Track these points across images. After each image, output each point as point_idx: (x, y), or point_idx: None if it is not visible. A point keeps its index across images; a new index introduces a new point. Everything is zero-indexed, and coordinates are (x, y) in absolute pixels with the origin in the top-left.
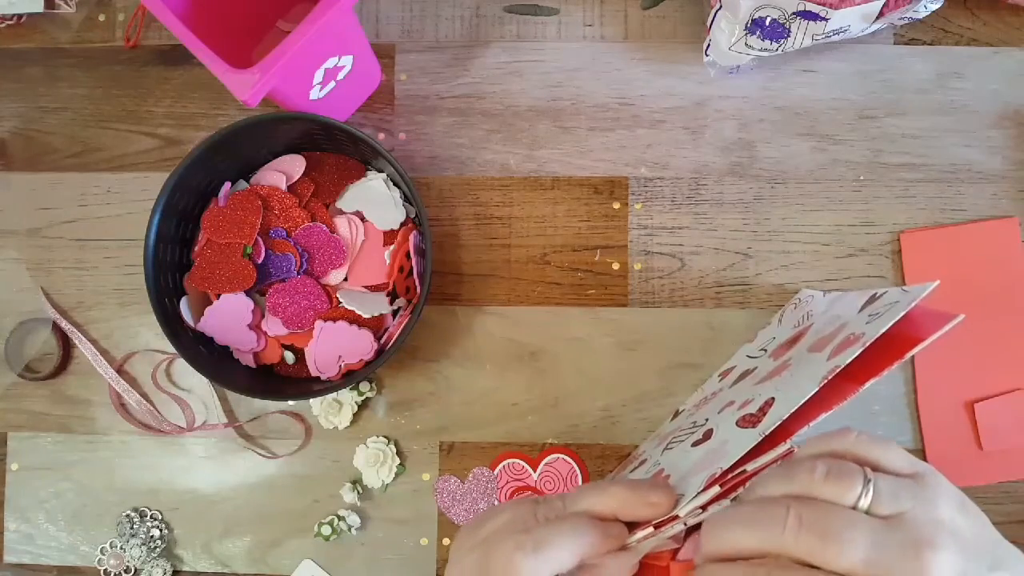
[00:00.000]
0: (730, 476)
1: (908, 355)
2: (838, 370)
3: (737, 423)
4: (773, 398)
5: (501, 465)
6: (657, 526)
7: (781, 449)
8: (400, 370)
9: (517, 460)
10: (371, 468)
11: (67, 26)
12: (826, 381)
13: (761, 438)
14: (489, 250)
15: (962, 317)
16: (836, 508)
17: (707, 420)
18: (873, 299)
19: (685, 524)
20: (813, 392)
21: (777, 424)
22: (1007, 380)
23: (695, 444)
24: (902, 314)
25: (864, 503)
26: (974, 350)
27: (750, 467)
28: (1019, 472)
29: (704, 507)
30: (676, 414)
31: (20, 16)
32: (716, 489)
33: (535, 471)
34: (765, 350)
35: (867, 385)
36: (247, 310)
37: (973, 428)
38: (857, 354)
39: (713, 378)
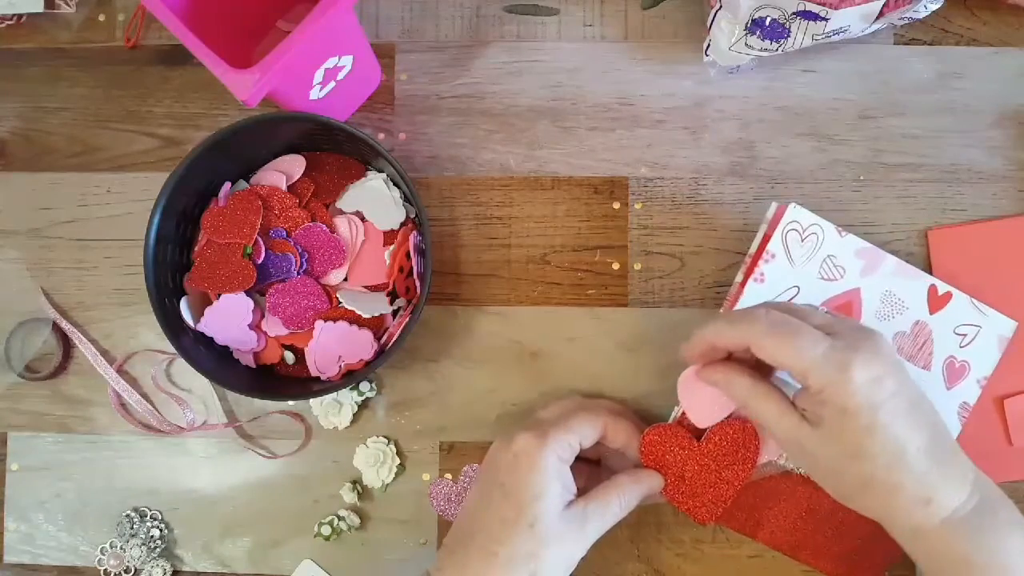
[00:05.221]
0: None
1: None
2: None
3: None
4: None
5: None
6: None
7: None
8: (400, 370)
9: None
10: (371, 468)
11: (67, 26)
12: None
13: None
14: (489, 250)
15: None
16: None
17: None
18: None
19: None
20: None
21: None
22: None
23: None
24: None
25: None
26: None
27: None
28: None
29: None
30: None
31: (20, 16)
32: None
33: None
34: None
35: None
36: (247, 310)
37: (1003, 424)
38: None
39: None
